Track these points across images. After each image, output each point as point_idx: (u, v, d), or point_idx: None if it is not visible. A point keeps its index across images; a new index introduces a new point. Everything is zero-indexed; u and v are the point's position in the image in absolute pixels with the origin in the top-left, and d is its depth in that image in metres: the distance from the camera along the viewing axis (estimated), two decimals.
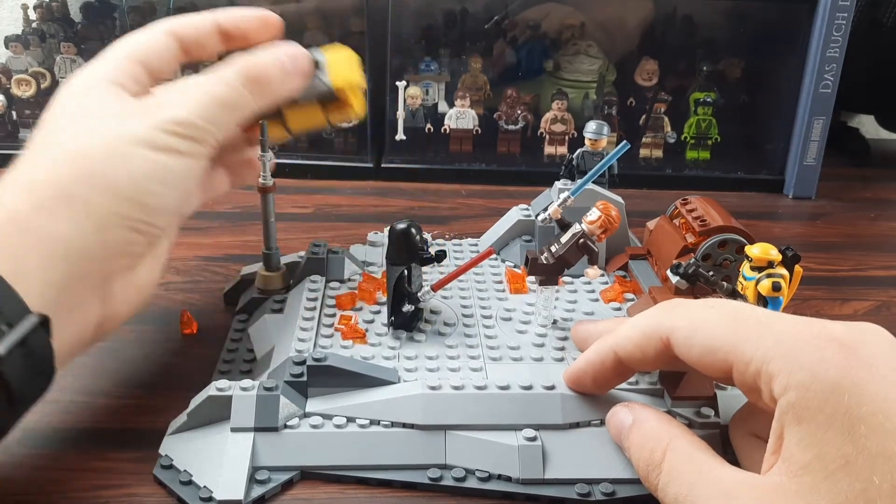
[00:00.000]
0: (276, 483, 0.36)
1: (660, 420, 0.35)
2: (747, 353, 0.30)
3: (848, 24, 0.75)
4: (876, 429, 0.26)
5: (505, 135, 0.84)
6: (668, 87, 0.86)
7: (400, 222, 0.43)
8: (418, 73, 0.85)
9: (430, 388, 0.38)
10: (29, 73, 0.83)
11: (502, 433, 0.37)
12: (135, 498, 0.36)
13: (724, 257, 0.47)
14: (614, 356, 0.36)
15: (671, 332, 0.33)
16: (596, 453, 0.37)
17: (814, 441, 0.27)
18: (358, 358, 0.41)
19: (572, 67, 0.88)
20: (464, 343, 0.44)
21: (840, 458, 0.26)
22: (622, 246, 0.55)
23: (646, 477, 0.33)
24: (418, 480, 0.36)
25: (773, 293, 0.39)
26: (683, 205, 0.50)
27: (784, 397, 0.28)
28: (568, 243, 0.44)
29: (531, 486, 0.36)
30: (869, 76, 0.88)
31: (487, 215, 0.67)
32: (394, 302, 0.44)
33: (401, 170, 0.81)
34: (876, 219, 0.77)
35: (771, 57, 0.84)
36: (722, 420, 0.37)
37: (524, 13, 0.89)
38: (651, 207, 0.59)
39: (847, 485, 0.26)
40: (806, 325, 0.31)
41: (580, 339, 0.43)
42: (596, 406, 0.38)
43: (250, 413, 0.36)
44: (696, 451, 0.32)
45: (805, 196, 0.81)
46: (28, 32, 0.88)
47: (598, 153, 0.55)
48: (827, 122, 0.79)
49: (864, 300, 0.58)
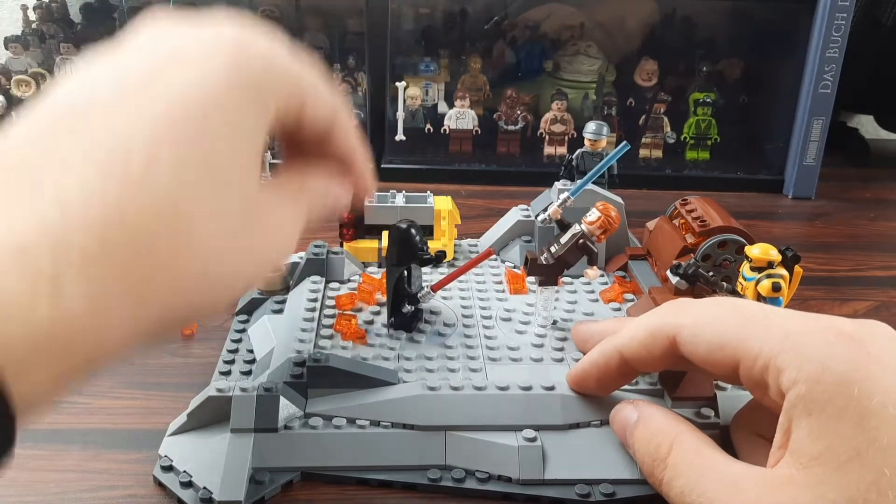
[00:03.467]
0: (276, 484, 0.36)
1: (665, 416, 0.35)
2: (755, 349, 0.30)
3: (847, 25, 0.75)
4: (886, 421, 0.27)
5: (505, 135, 0.84)
6: (667, 88, 0.86)
7: (400, 223, 0.43)
8: (418, 73, 0.86)
9: (430, 388, 0.38)
10: (29, 74, 0.84)
11: (502, 434, 0.37)
12: (135, 499, 0.36)
13: (724, 258, 0.47)
14: (619, 357, 0.36)
15: (677, 330, 0.33)
16: (596, 454, 0.37)
17: (824, 433, 0.27)
18: (358, 359, 0.41)
19: (572, 68, 0.88)
20: (463, 343, 0.44)
21: (850, 450, 0.27)
22: (622, 246, 0.55)
23: (650, 472, 0.33)
24: (418, 481, 0.36)
25: (772, 293, 0.39)
26: (683, 205, 0.50)
27: (793, 390, 0.28)
28: (567, 244, 0.44)
29: (531, 487, 0.36)
30: (868, 76, 0.88)
31: (487, 216, 0.67)
32: (393, 302, 0.44)
33: (401, 170, 0.81)
34: (875, 219, 0.77)
35: (770, 57, 0.85)
36: (722, 420, 0.37)
37: (526, 13, 0.89)
38: (651, 208, 0.59)
39: (857, 476, 0.26)
40: (814, 320, 0.31)
41: (580, 340, 0.43)
42: (596, 406, 0.38)
43: (250, 414, 0.36)
44: (703, 446, 0.32)
45: (804, 196, 0.81)
46: (28, 33, 0.88)
47: (597, 154, 0.55)
48: (826, 122, 0.79)
49: (863, 300, 0.58)
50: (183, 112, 0.27)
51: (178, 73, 0.28)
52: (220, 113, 0.28)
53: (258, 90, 0.30)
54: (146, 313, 0.26)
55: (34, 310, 0.22)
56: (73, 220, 0.24)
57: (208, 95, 0.28)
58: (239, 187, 0.29)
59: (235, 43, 0.30)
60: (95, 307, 0.24)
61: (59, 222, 0.23)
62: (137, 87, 0.27)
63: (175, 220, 0.26)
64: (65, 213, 0.24)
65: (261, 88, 0.30)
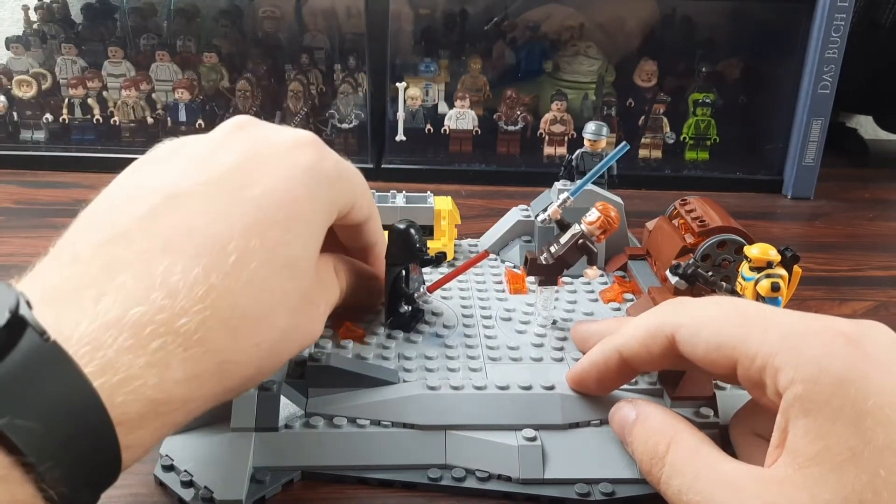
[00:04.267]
0: (276, 483, 0.36)
1: (664, 415, 0.35)
2: (753, 348, 0.30)
3: (847, 25, 0.76)
4: (883, 422, 0.27)
5: (504, 135, 0.84)
6: (667, 88, 0.86)
7: (399, 222, 0.44)
8: (418, 73, 0.86)
9: (430, 388, 0.38)
10: (30, 74, 0.84)
11: (502, 433, 0.37)
12: (135, 498, 0.36)
13: (724, 258, 0.47)
14: (619, 356, 0.36)
15: (676, 329, 0.34)
16: (596, 453, 0.37)
17: (821, 433, 0.27)
18: (358, 358, 0.41)
19: (571, 68, 0.88)
20: (463, 343, 0.44)
21: (847, 451, 0.27)
22: (621, 246, 0.55)
23: (649, 471, 0.33)
24: (418, 480, 0.36)
25: (772, 294, 0.39)
26: (682, 205, 0.51)
27: (790, 390, 0.29)
28: (567, 244, 0.44)
29: (531, 486, 0.36)
30: (867, 77, 0.88)
31: (487, 216, 0.67)
32: (390, 302, 0.44)
33: (401, 170, 0.82)
34: (874, 219, 0.77)
35: (770, 57, 0.85)
36: (721, 420, 0.38)
37: (525, 14, 0.89)
38: (650, 208, 0.59)
39: (853, 477, 0.26)
40: (812, 320, 0.31)
41: (580, 340, 0.43)
42: (596, 406, 0.38)
43: (251, 413, 0.37)
44: (701, 445, 0.32)
45: (804, 196, 0.82)
46: (29, 33, 0.88)
47: (597, 154, 0.56)
48: (825, 122, 0.79)
49: (862, 300, 0.58)
50: (269, 209, 0.31)
51: (265, 174, 0.32)
52: (298, 213, 0.32)
53: (328, 196, 0.35)
54: (228, 386, 0.30)
55: (145, 383, 0.26)
56: (179, 304, 0.27)
57: (289, 197, 0.32)
58: (305, 277, 0.33)
59: (313, 150, 0.35)
60: (190, 385, 0.28)
61: (168, 306, 0.27)
62: (229, 183, 0.31)
63: (259, 305, 0.30)
64: (171, 296, 0.27)
65: (330, 194, 0.35)
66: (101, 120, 0.84)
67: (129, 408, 0.26)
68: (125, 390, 0.25)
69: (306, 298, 0.34)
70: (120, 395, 0.25)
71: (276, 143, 0.34)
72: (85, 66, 0.86)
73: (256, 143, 0.34)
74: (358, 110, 0.84)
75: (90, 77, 0.84)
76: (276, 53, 0.88)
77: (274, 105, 0.85)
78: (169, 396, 0.27)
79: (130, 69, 0.85)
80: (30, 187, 0.76)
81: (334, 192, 0.35)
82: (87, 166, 0.80)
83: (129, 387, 0.25)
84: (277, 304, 0.31)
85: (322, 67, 0.88)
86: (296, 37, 0.89)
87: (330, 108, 0.84)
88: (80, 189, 0.76)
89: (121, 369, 0.25)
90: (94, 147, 0.83)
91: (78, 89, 0.83)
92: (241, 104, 0.84)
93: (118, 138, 0.84)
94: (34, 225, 0.67)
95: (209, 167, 0.32)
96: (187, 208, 0.30)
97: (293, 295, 0.32)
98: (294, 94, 0.83)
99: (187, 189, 0.30)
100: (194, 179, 0.31)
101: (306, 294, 0.34)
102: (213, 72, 0.86)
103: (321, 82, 0.87)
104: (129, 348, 0.26)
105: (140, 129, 0.84)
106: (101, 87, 0.84)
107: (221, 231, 0.29)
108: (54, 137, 0.85)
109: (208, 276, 0.28)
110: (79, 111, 0.83)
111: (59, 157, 0.82)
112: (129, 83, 0.83)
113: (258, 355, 0.31)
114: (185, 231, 0.29)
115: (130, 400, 0.26)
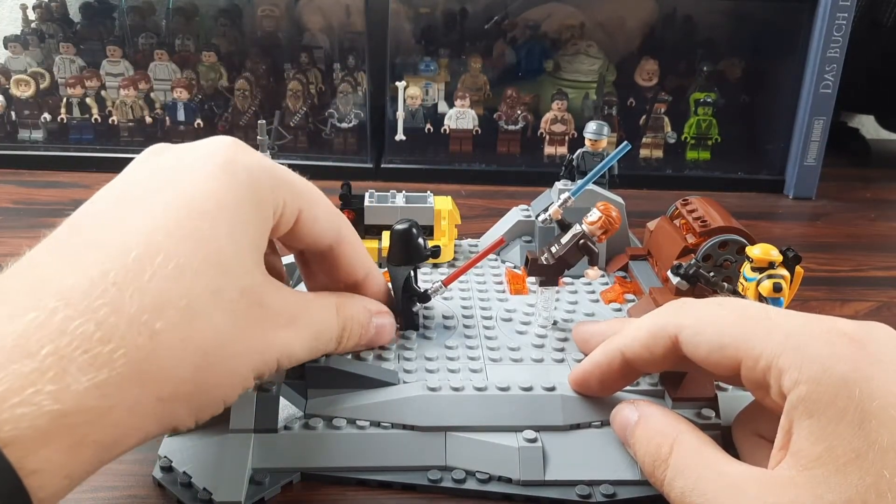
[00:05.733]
0: (275, 485, 0.36)
1: (666, 416, 0.35)
2: (756, 349, 0.30)
3: (848, 25, 0.75)
4: (886, 423, 0.27)
5: (505, 135, 0.84)
6: (668, 88, 0.86)
7: (400, 222, 0.43)
8: (418, 73, 0.86)
9: (430, 389, 0.38)
10: (28, 74, 0.84)
11: (502, 434, 0.37)
12: (134, 499, 0.35)
13: (725, 258, 0.47)
14: (621, 357, 0.36)
15: (679, 330, 0.33)
16: (596, 455, 0.37)
17: (824, 435, 0.27)
18: (358, 359, 0.41)
19: (572, 68, 0.88)
20: (464, 344, 0.44)
21: (850, 452, 0.26)
22: (622, 246, 0.55)
23: (651, 472, 0.33)
24: (418, 482, 0.36)
25: (773, 294, 0.39)
26: (684, 205, 0.50)
27: (794, 391, 0.28)
28: (568, 244, 0.44)
29: (531, 488, 0.36)
30: (869, 76, 0.88)
31: (487, 216, 0.67)
32: (404, 303, 0.44)
33: (401, 170, 0.81)
34: (876, 219, 0.77)
35: (771, 57, 0.84)
36: (723, 421, 0.37)
37: (526, 13, 0.89)
38: (651, 208, 0.59)
39: (857, 478, 0.26)
40: (816, 321, 0.31)
41: (581, 340, 0.43)
42: (596, 407, 0.38)
43: (250, 414, 0.36)
44: (704, 446, 0.32)
45: (805, 196, 0.81)
46: (27, 33, 0.88)
47: (598, 154, 0.55)
48: (827, 122, 0.79)
49: (864, 301, 0.58)
50: (180, 206, 0.30)
51: (177, 179, 0.31)
52: (217, 205, 0.31)
53: (253, 188, 0.32)
54: (162, 393, 0.27)
55: (38, 391, 0.24)
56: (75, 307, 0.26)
57: (204, 190, 0.31)
58: (242, 273, 0.31)
59: (228, 148, 0.33)
60: (101, 390, 0.25)
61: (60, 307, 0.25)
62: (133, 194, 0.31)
63: (176, 298, 0.28)
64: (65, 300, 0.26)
65: (256, 187, 0.33)
66: (100, 119, 0.84)
67: (21, 423, 0.23)
68: (11, 403, 0.23)
69: (254, 300, 0.31)
70: (5, 411, 0.23)
71: (190, 152, 0.33)
72: (83, 65, 0.86)
73: (169, 159, 0.33)
74: (357, 110, 0.84)
75: (88, 76, 0.83)
76: (276, 52, 0.88)
77: (273, 104, 0.85)
78: (76, 405, 0.24)
79: (129, 68, 0.85)
80: (28, 187, 0.76)
81: (261, 186, 0.33)
82: (86, 166, 0.80)
83: (17, 398, 0.23)
84: (205, 298, 0.29)
85: (321, 66, 0.87)
86: (295, 36, 0.89)
87: (329, 107, 0.84)
88: (79, 189, 0.75)
89: (3, 379, 0.23)
90: (93, 147, 0.83)
91: (76, 88, 0.83)
92: (240, 103, 0.84)
93: (116, 138, 0.84)
94: (32, 225, 0.67)
95: (117, 188, 0.32)
96: (90, 226, 0.30)
97: (228, 291, 0.30)
98: (293, 94, 0.83)
99: (92, 211, 0.30)
100: (103, 202, 0.31)
101: (252, 295, 0.31)
102: (212, 71, 0.86)
103: (320, 81, 0.87)
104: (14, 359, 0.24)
105: (138, 128, 0.84)
106: (100, 86, 0.84)
107: (123, 234, 0.28)
108: (52, 137, 0.84)
109: (106, 276, 0.27)
110: (77, 110, 0.83)
111: (57, 156, 0.82)
112: (128, 82, 0.83)
113: (191, 356, 0.28)
114: (83, 245, 0.28)
115: (21, 414, 0.23)
